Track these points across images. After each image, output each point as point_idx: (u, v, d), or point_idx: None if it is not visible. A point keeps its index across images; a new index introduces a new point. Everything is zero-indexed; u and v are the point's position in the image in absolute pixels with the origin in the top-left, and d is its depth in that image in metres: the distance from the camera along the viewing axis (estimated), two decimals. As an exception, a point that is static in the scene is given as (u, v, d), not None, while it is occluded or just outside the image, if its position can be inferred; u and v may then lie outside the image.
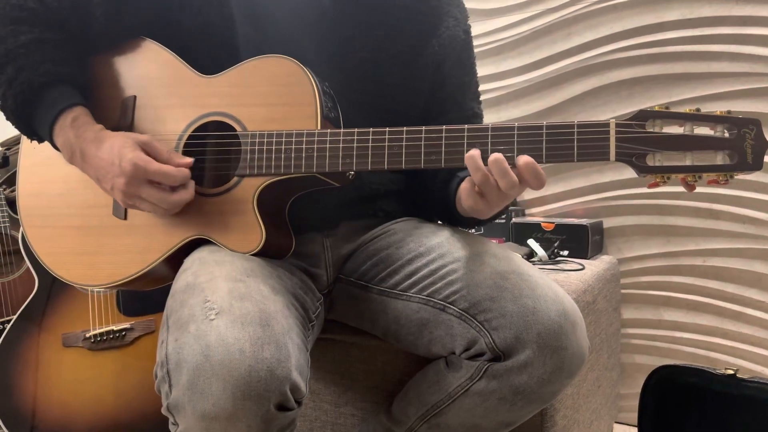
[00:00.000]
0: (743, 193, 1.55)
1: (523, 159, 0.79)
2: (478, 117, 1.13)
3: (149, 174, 0.86)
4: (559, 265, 1.53)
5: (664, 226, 1.66)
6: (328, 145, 0.88)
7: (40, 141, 0.99)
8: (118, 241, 0.97)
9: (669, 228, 1.65)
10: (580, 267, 1.49)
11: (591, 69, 1.70)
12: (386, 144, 0.86)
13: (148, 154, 0.88)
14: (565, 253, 1.63)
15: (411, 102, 1.07)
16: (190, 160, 0.91)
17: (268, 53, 0.93)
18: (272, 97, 0.92)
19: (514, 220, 1.73)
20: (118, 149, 0.88)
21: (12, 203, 1.77)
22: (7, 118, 0.97)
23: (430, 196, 1.07)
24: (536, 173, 0.79)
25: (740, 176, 0.76)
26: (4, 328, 1.49)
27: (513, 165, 0.80)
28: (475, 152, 0.81)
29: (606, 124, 0.78)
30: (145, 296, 1.52)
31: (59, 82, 0.93)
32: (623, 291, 1.71)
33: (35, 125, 0.95)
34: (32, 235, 1.02)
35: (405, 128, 0.86)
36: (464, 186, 0.89)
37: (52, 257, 1.01)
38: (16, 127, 0.98)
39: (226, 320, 0.74)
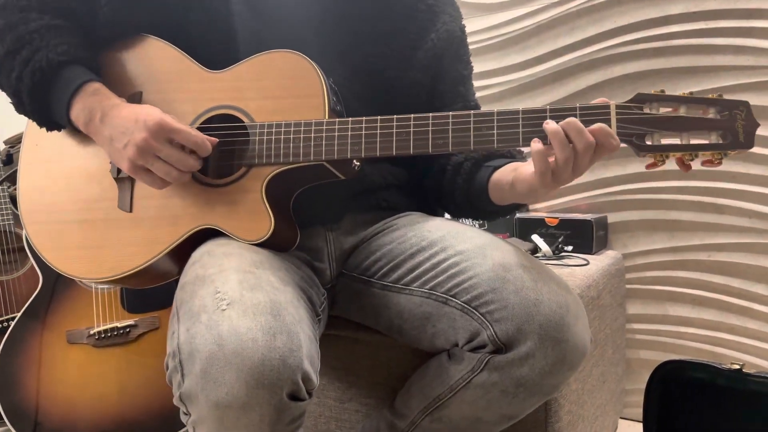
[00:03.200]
0: (748, 187, 1.54)
1: (597, 124, 0.80)
2: (478, 108, 1.14)
3: (174, 132, 0.87)
4: (563, 260, 1.52)
5: (668, 221, 1.65)
6: (336, 133, 0.89)
7: (50, 128, 0.99)
8: (123, 234, 0.97)
9: (674, 223, 1.64)
10: (585, 262, 1.48)
11: (595, 63, 1.70)
12: (394, 130, 0.88)
13: None
14: (570, 248, 1.63)
15: (413, 94, 1.09)
16: (215, 140, 0.91)
17: (273, 48, 0.94)
18: (279, 90, 0.93)
19: (517, 215, 1.73)
20: (145, 110, 0.89)
21: (16, 201, 1.77)
22: (18, 105, 0.97)
23: (453, 192, 1.09)
24: (608, 133, 0.80)
25: (734, 155, 0.80)
26: (9, 326, 1.49)
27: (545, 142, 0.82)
28: (552, 122, 0.81)
29: (607, 106, 0.82)
30: (149, 293, 1.51)
31: (77, 63, 0.95)
32: (628, 286, 1.71)
33: (51, 103, 0.95)
34: (33, 231, 1.02)
35: (412, 115, 0.88)
36: (526, 168, 0.89)
37: (54, 252, 1.00)
38: (29, 112, 0.98)
39: (238, 310, 0.74)
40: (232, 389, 0.70)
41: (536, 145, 0.81)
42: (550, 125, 0.81)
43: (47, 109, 0.97)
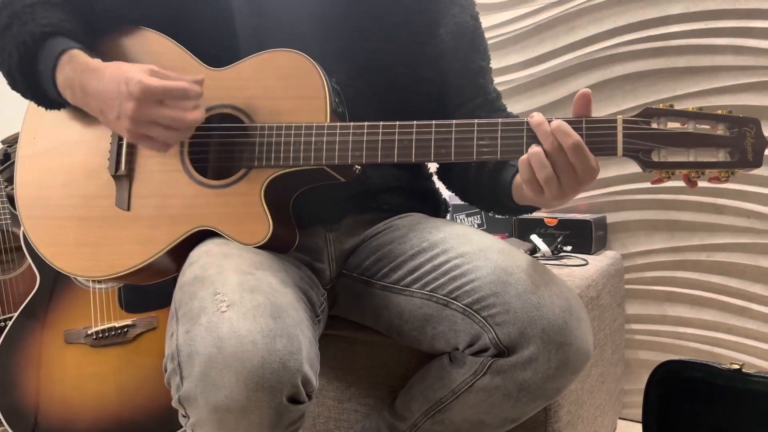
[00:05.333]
0: (748, 187, 1.54)
1: (554, 121, 0.78)
2: (500, 98, 1.13)
3: (163, 92, 0.82)
4: (562, 260, 1.52)
5: (668, 221, 1.65)
6: (337, 138, 0.88)
7: (50, 106, 0.97)
8: (120, 232, 0.96)
9: (673, 223, 1.64)
10: (584, 262, 1.48)
11: (595, 63, 1.69)
12: (396, 138, 0.87)
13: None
14: (569, 248, 1.63)
15: (422, 91, 1.07)
16: (201, 76, 0.87)
17: (274, 45, 0.93)
18: (281, 90, 0.92)
19: (516, 215, 1.73)
20: (124, 74, 0.84)
21: (13, 200, 1.76)
22: (13, 84, 0.96)
23: (478, 189, 1.07)
24: (564, 131, 0.78)
25: (741, 172, 0.78)
26: (6, 326, 1.48)
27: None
28: (538, 116, 0.80)
29: (613, 121, 0.80)
30: (147, 293, 1.51)
31: (60, 34, 0.92)
32: (627, 286, 1.71)
33: (40, 79, 0.93)
34: (31, 226, 1.01)
35: (415, 122, 0.86)
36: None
37: (51, 248, 1.00)
38: (24, 91, 0.96)
39: (238, 312, 0.73)
40: (232, 392, 0.69)
41: (525, 155, 0.80)
42: (533, 148, 0.79)
43: (38, 85, 0.94)
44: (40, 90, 0.95)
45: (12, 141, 2.00)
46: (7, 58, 0.93)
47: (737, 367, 1.16)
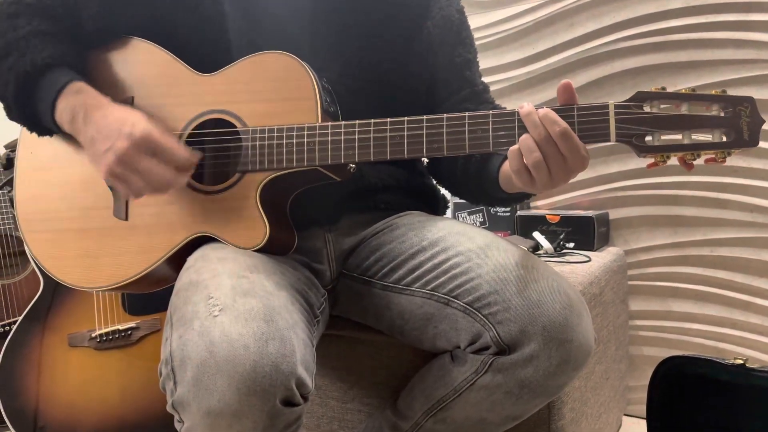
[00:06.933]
0: (750, 181, 1.53)
1: (542, 110, 0.78)
2: (487, 91, 1.13)
3: (159, 148, 0.84)
4: (565, 257, 1.52)
5: (670, 216, 1.65)
6: (329, 138, 0.88)
7: (41, 133, 0.98)
8: (119, 242, 0.96)
9: (676, 218, 1.64)
10: (587, 259, 1.48)
11: (595, 59, 1.69)
12: (388, 134, 0.86)
13: None
14: (571, 245, 1.62)
15: (411, 86, 1.07)
16: (199, 155, 0.89)
17: (263, 47, 0.93)
18: (271, 92, 0.92)
19: (519, 212, 1.73)
20: (132, 117, 0.86)
21: (16, 204, 1.77)
22: (8, 110, 0.96)
23: (466, 180, 1.07)
24: (552, 120, 0.77)
25: (738, 153, 0.77)
26: (11, 330, 1.49)
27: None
28: (528, 106, 0.79)
29: (605, 106, 0.79)
30: (150, 295, 1.50)
31: (63, 65, 0.93)
32: (630, 282, 1.70)
33: (37, 106, 0.94)
34: (32, 239, 1.02)
35: (406, 118, 0.86)
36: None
37: (53, 261, 1.00)
38: (17, 117, 0.97)
39: (230, 316, 0.73)
40: (224, 396, 0.69)
41: (515, 145, 0.79)
42: (522, 137, 0.78)
43: (34, 112, 0.95)
44: (35, 118, 0.96)
45: (14, 146, 2.00)
46: (2, 88, 0.94)
47: (741, 362, 1.15)
